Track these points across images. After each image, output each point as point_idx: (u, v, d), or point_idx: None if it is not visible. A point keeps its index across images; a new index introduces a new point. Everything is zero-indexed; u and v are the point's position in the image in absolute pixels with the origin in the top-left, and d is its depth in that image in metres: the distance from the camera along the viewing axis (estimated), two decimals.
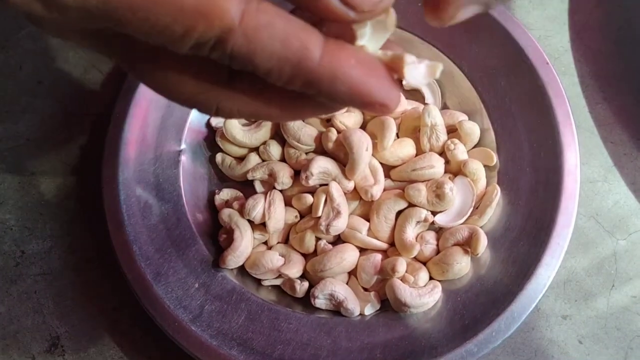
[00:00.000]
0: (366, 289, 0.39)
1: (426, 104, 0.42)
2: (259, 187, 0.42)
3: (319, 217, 0.39)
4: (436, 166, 0.40)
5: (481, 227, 0.39)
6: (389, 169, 0.41)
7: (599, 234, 0.42)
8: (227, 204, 0.42)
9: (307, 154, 0.42)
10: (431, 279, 0.39)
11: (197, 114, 0.43)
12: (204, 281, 0.39)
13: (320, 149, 0.42)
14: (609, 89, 0.46)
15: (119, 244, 0.39)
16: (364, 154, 0.39)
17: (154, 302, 0.37)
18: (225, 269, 0.40)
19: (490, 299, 0.37)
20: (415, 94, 0.44)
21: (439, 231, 0.40)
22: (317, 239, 0.40)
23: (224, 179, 0.44)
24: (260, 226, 0.40)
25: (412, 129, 0.42)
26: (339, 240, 0.41)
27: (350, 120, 0.41)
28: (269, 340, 0.37)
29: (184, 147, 0.43)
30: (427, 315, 0.37)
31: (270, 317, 0.38)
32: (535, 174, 0.39)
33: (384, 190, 0.40)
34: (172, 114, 0.42)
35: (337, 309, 0.39)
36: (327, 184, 0.40)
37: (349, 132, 0.39)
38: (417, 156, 0.41)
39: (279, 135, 0.43)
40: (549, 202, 0.38)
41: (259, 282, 0.41)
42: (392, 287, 0.37)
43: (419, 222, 0.39)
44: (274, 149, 0.42)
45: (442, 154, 0.41)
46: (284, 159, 0.42)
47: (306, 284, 0.40)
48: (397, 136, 0.42)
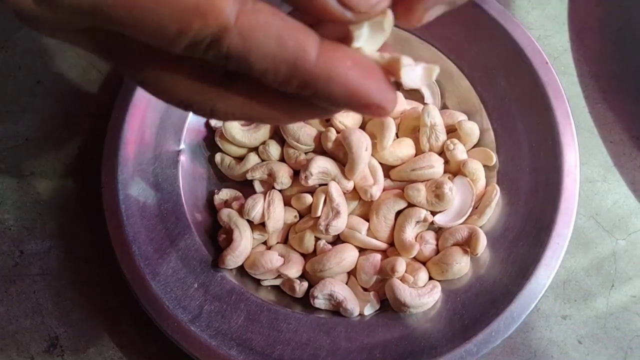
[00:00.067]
0: (365, 289, 0.39)
1: (425, 104, 0.42)
2: (258, 187, 0.42)
3: (319, 217, 0.39)
4: (435, 166, 0.40)
5: (481, 227, 0.39)
6: (388, 169, 0.41)
7: (599, 234, 0.42)
8: (227, 203, 0.42)
9: (306, 153, 0.42)
10: (431, 279, 0.39)
11: None
12: (203, 281, 0.39)
13: (319, 149, 0.42)
14: (609, 89, 0.46)
15: (118, 244, 0.39)
16: (364, 154, 0.39)
17: (153, 302, 0.37)
18: (224, 269, 0.40)
19: (489, 299, 0.37)
20: (414, 94, 0.44)
21: (439, 231, 0.40)
22: (317, 239, 0.40)
23: (223, 179, 0.44)
24: (259, 226, 0.40)
25: (411, 128, 0.42)
26: (338, 240, 0.41)
27: (349, 120, 0.41)
28: (268, 340, 0.37)
29: (183, 147, 0.43)
30: (427, 315, 0.37)
31: (269, 317, 0.38)
32: (534, 174, 0.39)
33: (384, 190, 0.40)
34: (171, 114, 0.42)
35: (337, 309, 0.38)
36: (326, 184, 0.40)
37: (349, 132, 0.39)
38: (416, 156, 0.41)
39: (278, 135, 0.43)
40: (549, 202, 0.38)
41: (258, 282, 0.40)
42: (392, 287, 0.37)
43: (418, 222, 0.39)
44: (273, 149, 0.42)
45: (442, 154, 0.41)
46: (283, 159, 0.42)
47: (305, 284, 0.40)
48: (397, 136, 0.42)
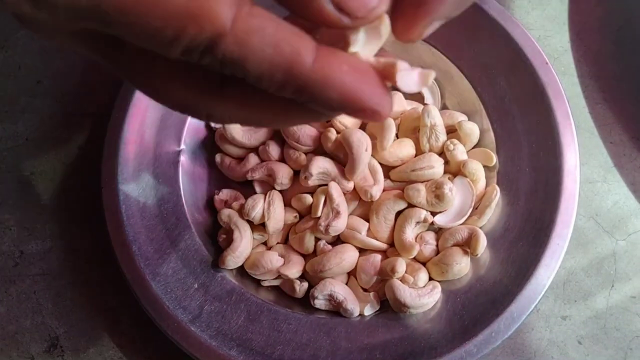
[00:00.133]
0: (366, 290, 0.39)
1: (425, 105, 0.42)
2: (258, 187, 0.42)
3: (319, 218, 0.39)
4: (435, 166, 0.40)
5: (481, 227, 0.39)
6: (388, 170, 0.41)
7: (599, 235, 0.42)
8: (227, 204, 0.42)
9: (306, 154, 0.42)
10: (431, 279, 0.39)
11: None
12: (204, 281, 0.39)
13: (319, 150, 0.42)
14: (609, 89, 0.46)
15: (118, 244, 0.39)
16: (364, 155, 0.39)
17: (153, 303, 0.37)
18: (224, 269, 0.40)
19: (489, 299, 0.37)
20: (414, 95, 0.44)
21: (439, 232, 0.40)
22: (317, 240, 0.40)
23: (224, 180, 0.44)
24: (259, 226, 0.40)
25: (411, 129, 0.42)
26: (338, 240, 0.41)
27: (349, 120, 0.41)
28: (268, 340, 0.37)
29: (184, 147, 0.43)
30: (427, 315, 0.37)
31: (269, 317, 0.38)
32: (534, 175, 0.39)
33: (384, 190, 0.40)
34: (171, 114, 0.42)
35: (337, 310, 0.39)
36: (326, 184, 0.40)
37: (349, 132, 0.39)
38: (416, 156, 0.41)
39: (278, 135, 0.43)
40: (549, 203, 0.38)
41: (258, 282, 0.41)
42: (392, 287, 0.37)
43: (418, 223, 0.39)
44: (274, 149, 0.42)
45: (442, 154, 0.41)
46: (283, 159, 0.42)
47: (305, 285, 0.40)
48: (397, 136, 0.42)
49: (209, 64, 0.16)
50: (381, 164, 0.41)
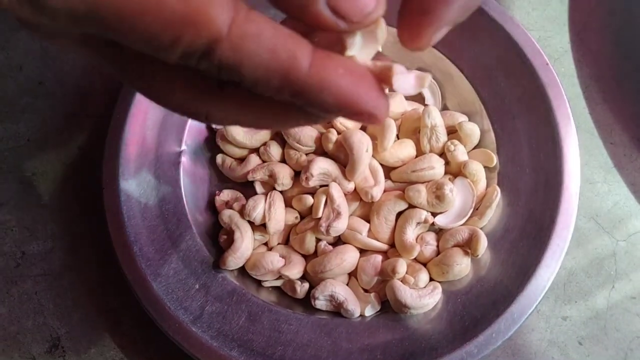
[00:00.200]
0: (366, 290, 0.40)
1: (426, 105, 0.42)
2: (259, 188, 0.42)
3: (319, 218, 0.39)
4: (436, 167, 0.40)
5: (481, 228, 0.39)
6: (389, 170, 0.41)
7: (599, 235, 0.42)
8: (228, 205, 0.42)
9: (307, 155, 0.42)
10: (431, 280, 0.39)
11: None
12: (205, 282, 0.39)
13: (320, 150, 0.42)
14: (609, 90, 0.46)
15: (119, 245, 0.39)
16: (364, 155, 0.39)
17: (155, 303, 0.37)
18: (225, 270, 0.40)
19: (490, 300, 0.37)
20: (415, 95, 0.44)
21: (439, 232, 0.40)
22: (318, 240, 0.40)
23: (225, 180, 0.44)
24: (260, 227, 0.40)
25: (412, 130, 0.42)
26: (339, 241, 0.41)
27: (350, 121, 0.41)
28: (269, 341, 0.37)
29: (185, 148, 0.43)
30: (427, 316, 0.37)
31: (270, 318, 0.38)
32: (535, 175, 0.39)
33: (384, 191, 0.40)
34: (172, 114, 0.42)
35: (338, 310, 0.39)
36: (327, 185, 0.40)
37: (349, 133, 0.40)
38: (417, 157, 0.41)
39: (279, 136, 0.43)
40: (549, 203, 0.38)
41: (259, 283, 0.41)
42: (393, 288, 0.37)
43: (419, 223, 0.39)
44: (274, 150, 0.42)
45: (442, 155, 0.41)
46: (284, 160, 0.42)
47: (306, 285, 0.40)
48: (397, 137, 0.42)
49: (206, 69, 0.16)
50: (382, 164, 0.41)
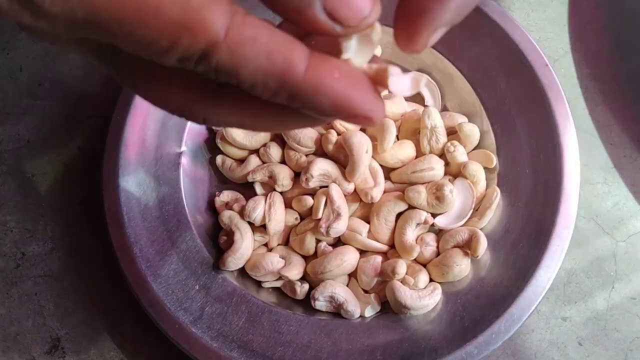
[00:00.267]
0: (366, 291, 0.40)
1: (426, 106, 0.42)
2: (259, 189, 0.42)
3: (319, 219, 0.39)
4: (436, 168, 0.40)
5: (481, 229, 0.39)
6: (389, 171, 0.41)
7: (599, 236, 0.42)
8: (228, 205, 0.42)
9: (307, 156, 0.42)
10: (431, 280, 0.39)
11: None
12: (205, 283, 0.39)
13: (320, 151, 0.42)
14: (609, 91, 0.46)
15: (119, 246, 0.39)
16: (364, 156, 0.39)
17: (155, 304, 0.37)
18: (225, 270, 0.40)
19: (490, 300, 0.37)
20: (415, 96, 0.44)
21: (439, 233, 0.40)
22: (318, 241, 0.40)
23: (225, 181, 0.44)
24: (260, 228, 0.41)
25: (412, 131, 0.42)
26: (339, 242, 0.41)
27: None
28: (269, 342, 0.37)
29: (185, 149, 0.43)
30: (427, 317, 0.37)
31: (270, 319, 0.38)
32: (535, 176, 0.39)
33: (384, 192, 0.40)
34: (172, 116, 0.42)
35: (338, 311, 0.39)
36: (327, 186, 0.40)
37: (349, 134, 0.40)
38: (417, 158, 0.41)
39: (279, 137, 0.43)
40: (549, 204, 0.38)
41: (259, 284, 0.41)
42: (392, 289, 0.37)
43: (419, 224, 0.39)
44: (274, 151, 0.42)
45: (442, 156, 0.41)
46: (284, 161, 0.42)
47: (306, 286, 0.40)
48: (397, 138, 0.42)
49: (204, 72, 0.16)
50: (382, 165, 0.41)
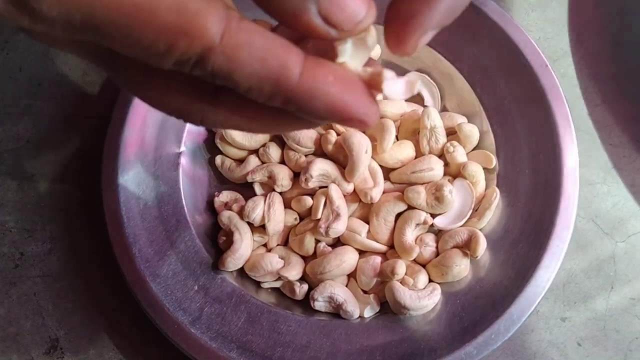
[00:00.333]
0: (365, 292, 0.40)
1: (425, 107, 0.42)
2: (258, 189, 0.42)
3: (319, 220, 0.39)
4: (435, 169, 0.40)
5: (480, 229, 0.39)
6: (388, 172, 0.41)
7: (598, 236, 0.42)
8: (227, 206, 0.42)
9: (306, 156, 0.42)
10: (430, 281, 0.39)
11: None
12: (204, 283, 0.39)
13: (319, 152, 0.42)
14: (609, 92, 0.46)
15: (118, 246, 0.39)
16: (364, 157, 0.39)
17: (154, 304, 0.37)
18: (224, 271, 0.40)
19: (489, 301, 0.37)
20: (414, 97, 0.44)
21: (438, 233, 0.40)
22: (317, 242, 0.40)
23: (224, 181, 0.44)
24: (259, 228, 0.40)
25: (411, 131, 0.42)
26: (338, 242, 0.41)
27: None
28: (268, 342, 0.37)
29: (184, 149, 0.43)
30: (427, 317, 0.37)
31: (269, 319, 0.38)
32: (534, 176, 0.39)
33: (384, 192, 0.40)
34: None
35: (337, 312, 0.39)
36: (326, 187, 0.40)
37: (349, 134, 0.40)
38: (416, 158, 0.41)
39: (279, 137, 0.43)
40: (548, 205, 0.38)
41: (258, 284, 0.41)
42: (392, 289, 0.37)
43: (418, 225, 0.39)
44: (274, 151, 0.42)
45: (442, 156, 0.41)
46: (283, 161, 0.42)
47: (305, 287, 0.40)
48: (397, 138, 0.42)
49: (200, 76, 0.16)
50: (381, 166, 0.41)
